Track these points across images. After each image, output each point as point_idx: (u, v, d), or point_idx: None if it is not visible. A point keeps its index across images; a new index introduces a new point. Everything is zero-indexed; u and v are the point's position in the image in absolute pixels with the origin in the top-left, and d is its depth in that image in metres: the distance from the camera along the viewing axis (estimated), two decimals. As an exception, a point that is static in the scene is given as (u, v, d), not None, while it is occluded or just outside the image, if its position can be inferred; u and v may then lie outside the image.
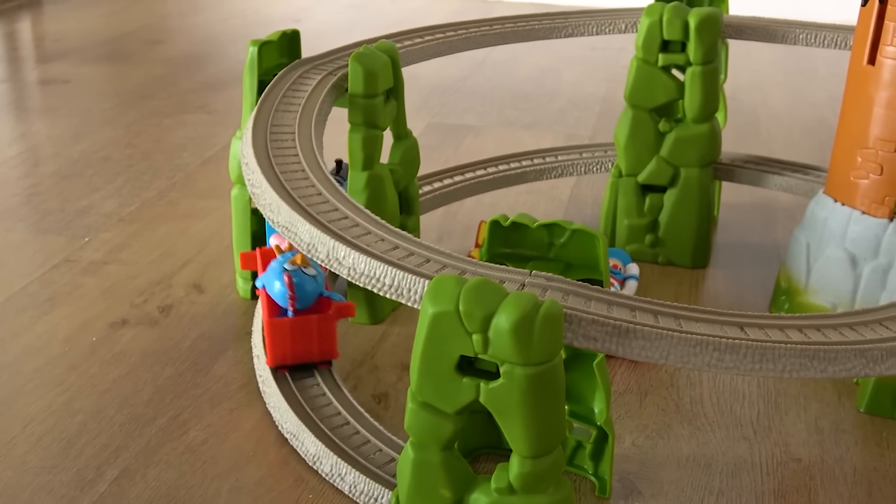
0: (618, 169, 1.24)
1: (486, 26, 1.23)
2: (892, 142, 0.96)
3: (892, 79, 0.94)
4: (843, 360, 0.68)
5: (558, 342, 0.63)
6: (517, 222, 0.75)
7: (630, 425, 0.92)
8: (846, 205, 1.02)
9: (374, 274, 0.71)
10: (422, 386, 0.66)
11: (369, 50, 1.01)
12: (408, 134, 1.09)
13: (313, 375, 0.95)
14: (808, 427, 0.93)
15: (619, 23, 1.24)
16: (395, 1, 2.91)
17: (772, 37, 1.18)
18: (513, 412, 0.64)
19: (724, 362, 0.67)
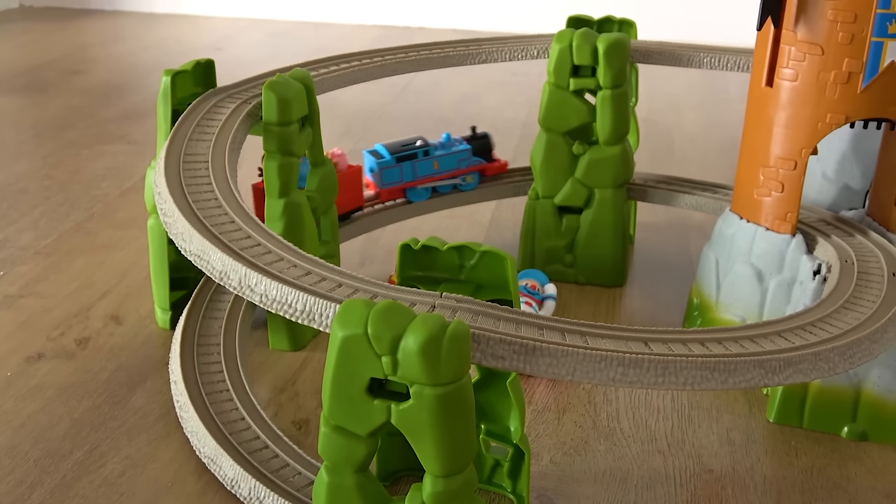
0: (535, 191, 1.26)
1: (402, 54, 1.25)
2: (791, 160, 1.00)
3: (790, 99, 0.98)
4: (742, 371, 0.71)
5: (466, 362, 0.65)
6: (428, 246, 0.77)
7: (548, 443, 0.94)
8: (751, 222, 1.05)
9: (286, 300, 0.72)
10: (333, 409, 0.67)
11: (283, 78, 1.02)
12: (325, 161, 1.10)
13: (232, 400, 0.94)
14: (720, 438, 0.96)
15: (531, 49, 1.26)
16: (317, 29, 2.92)
17: (677, 61, 1.22)
18: (424, 432, 0.65)
19: (629, 377, 0.69)
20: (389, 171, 1.27)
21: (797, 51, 0.96)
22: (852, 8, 0.92)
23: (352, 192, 1.24)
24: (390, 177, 1.27)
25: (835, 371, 0.75)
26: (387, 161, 1.26)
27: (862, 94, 0.94)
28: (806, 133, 0.98)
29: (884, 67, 0.93)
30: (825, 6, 0.93)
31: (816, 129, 0.97)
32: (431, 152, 1.29)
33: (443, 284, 0.79)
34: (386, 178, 1.27)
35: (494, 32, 2.86)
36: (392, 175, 1.27)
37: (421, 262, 0.78)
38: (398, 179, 1.28)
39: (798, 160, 0.99)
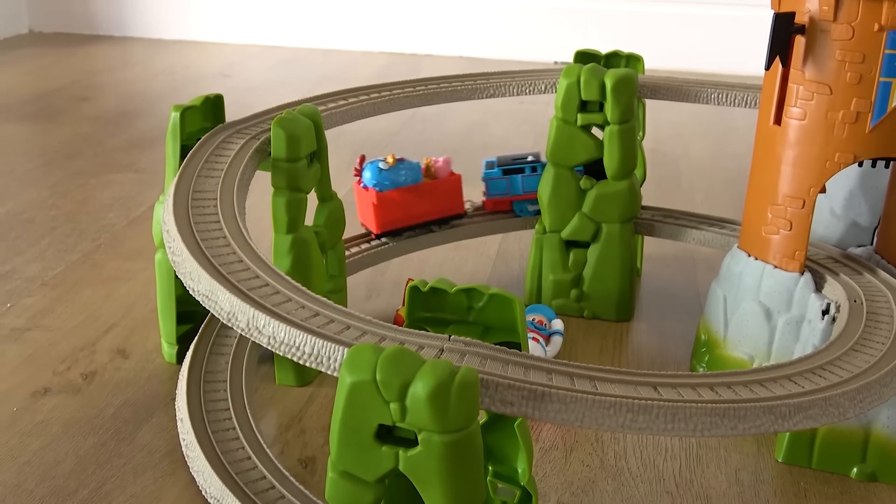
0: (542, 225, 1.26)
1: (410, 88, 1.25)
2: (799, 199, 0.99)
3: (798, 138, 0.98)
4: (752, 417, 0.70)
5: (474, 409, 0.64)
6: (436, 287, 0.76)
7: (556, 482, 0.94)
8: (759, 259, 1.05)
9: (294, 342, 0.72)
10: (341, 455, 0.66)
11: (291, 114, 1.03)
12: (332, 196, 1.10)
13: (238, 439, 0.94)
14: (729, 479, 0.95)
15: (539, 83, 1.27)
16: (325, 55, 2.93)
17: (685, 96, 1.22)
18: (432, 479, 0.65)
19: (638, 423, 0.68)
20: (495, 182, 1.31)
21: (805, 90, 0.96)
22: (861, 48, 0.92)
23: (451, 199, 1.29)
24: (495, 188, 1.31)
25: (845, 416, 0.75)
26: (493, 173, 1.30)
27: (870, 134, 0.94)
28: (814, 172, 0.98)
29: (892, 107, 0.93)
30: (833, 46, 0.93)
31: (825, 168, 0.97)
32: (539, 168, 1.29)
33: (451, 326, 0.78)
34: (491, 189, 1.31)
35: (501, 61, 2.87)
36: (497, 187, 1.31)
37: (429, 304, 0.78)
38: (504, 192, 1.31)
39: (806, 199, 0.99)
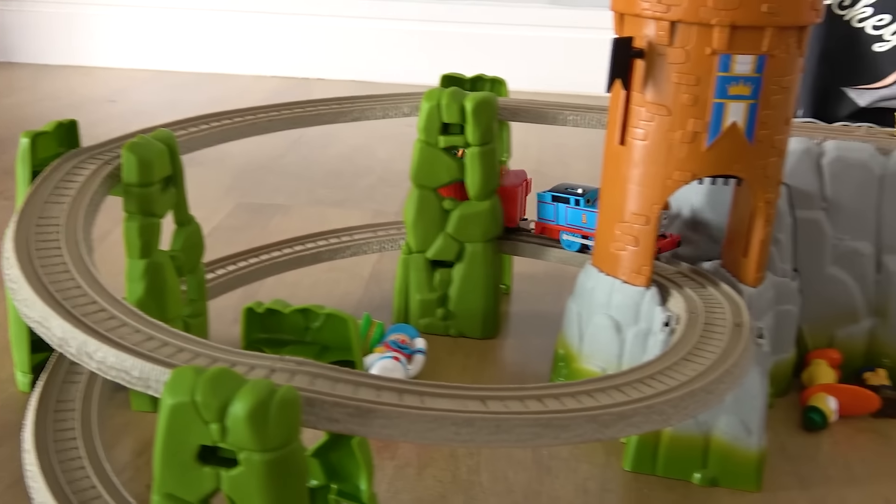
0: (408, 246, 1.28)
1: (275, 112, 1.26)
2: (644, 216, 1.03)
3: (641, 158, 1.02)
4: (575, 426, 0.73)
5: (295, 427, 0.65)
6: (272, 308, 0.77)
7: (406, 499, 0.95)
8: (609, 275, 1.08)
9: (123, 367, 0.72)
10: (164, 477, 0.67)
11: (144, 139, 1.02)
12: (190, 220, 1.10)
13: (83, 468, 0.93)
14: (577, 489, 0.98)
15: (402, 107, 1.29)
16: (216, 80, 2.92)
17: (543, 119, 1.26)
18: (253, 498, 0.65)
19: (462, 436, 0.70)
20: (543, 206, 1.28)
21: (646, 112, 1.00)
22: (695, 71, 0.96)
23: (507, 209, 1.29)
24: (543, 212, 1.28)
25: (668, 423, 0.78)
26: (545, 197, 1.27)
27: (707, 153, 0.99)
28: (657, 190, 1.02)
29: (726, 127, 0.98)
30: (670, 69, 0.97)
31: (666, 186, 1.01)
32: (581, 203, 1.25)
33: (288, 347, 0.79)
34: (540, 213, 1.29)
35: (391, 84, 2.90)
36: (545, 211, 1.28)
37: (266, 325, 0.79)
38: (551, 218, 1.28)
39: (650, 215, 1.03)
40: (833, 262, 1.18)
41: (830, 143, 1.17)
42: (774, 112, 0.97)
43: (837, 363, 1.19)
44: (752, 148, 0.98)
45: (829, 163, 1.15)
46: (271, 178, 1.99)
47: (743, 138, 0.97)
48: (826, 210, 1.17)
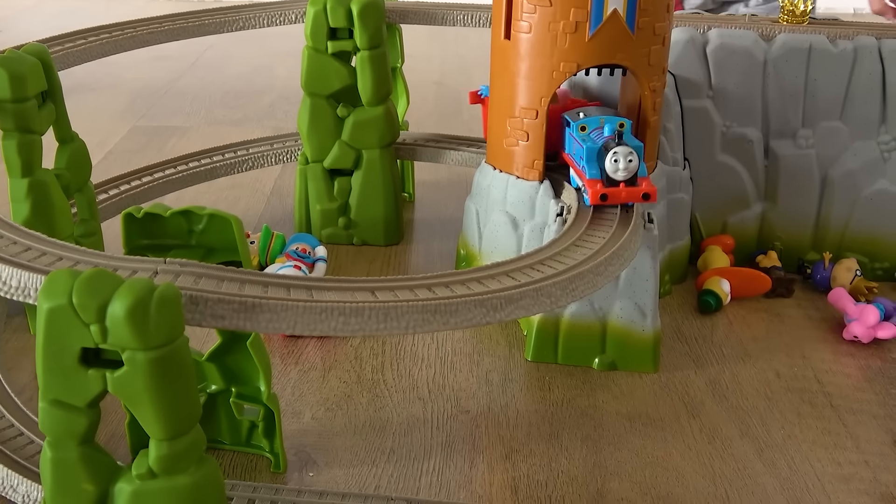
0: (304, 156, 1.27)
1: (157, 24, 1.22)
2: (533, 109, 1.03)
3: (526, 51, 1.02)
4: (463, 311, 0.74)
5: (178, 324, 0.65)
6: (151, 213, 0.76)
7: (311, 400, 0.95)
8: (504, 171, 1.09)
9: (1, 277, 0.70)
10: (48, 383, 0.66)
11: (15, 53, 0.99)
12: (73, 137, 1.07)
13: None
14: (479, 381, 0.99)
15: (289, 14, 1.26)
16: (107, 5, 2.81)
17: (432, 19, 1.24)
18: (141, 397, 0.65)
19: (350, 325, 0.70)
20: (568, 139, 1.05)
21: (528, 3, 1.00)
22: (574, -40, 0.96)
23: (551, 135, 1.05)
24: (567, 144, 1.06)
25: (557, 305, 0.80)
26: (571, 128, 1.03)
27: (590, 43, 0.99)
28: (544, 83, 1.02)
29: (607, 16, 0.98)
30: (549, -41, 0.97)
31: (552, 79, 1.01)
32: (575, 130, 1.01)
33: (173, 251, 0.78)
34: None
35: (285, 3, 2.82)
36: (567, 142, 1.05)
37: (148, 231, 0.78)
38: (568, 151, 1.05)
39: (539, 109, 1.03)
40: (722, 149, 1.20)
41: (714, 32, 1.18)
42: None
43: (731, 248, 1.22)
44: (634, 36, 0.99)
45: (714, 51, 1.17)
46: (167, 100, 1.94)
47: (624, 26, 0.98)
48: (713, 98, 1.18)
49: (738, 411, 0.96)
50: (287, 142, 1.37)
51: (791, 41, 1.17)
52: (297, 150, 1.34)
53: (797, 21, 1.20)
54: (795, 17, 1.20)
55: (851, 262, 1.17)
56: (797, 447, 0.90)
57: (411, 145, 1.31)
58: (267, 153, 1.34)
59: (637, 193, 0.94)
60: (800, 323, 1.13)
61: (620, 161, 0.93)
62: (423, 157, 1.31)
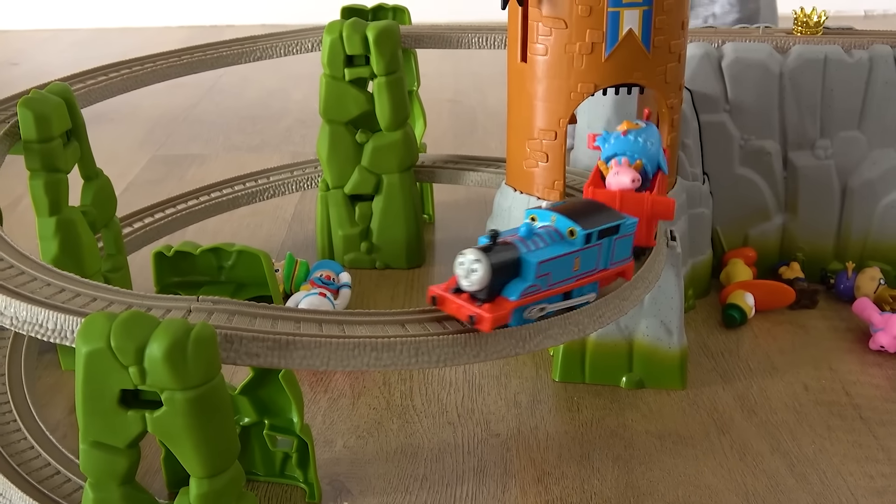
0: (325, 183, 1.28)
1: (175, 58, 1.24)
2: (552, 131, 1.04)
3: (543, 73, 1.02)
4: (493, 343, 0.74)
5: (214, 363, 0.66)
6: (181, 251, 0.77)
7: (342, 428, 0.96)
8: (524, 192, 1.10)
9: (37, 320, 0.71)
10: (88, 425, 0.67)
11: (39, 94, 1.00)
12: (98, 173, 1.08)
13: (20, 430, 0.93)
14: (508, 403, 1.00)
15: (305, 42, 1.28)
16: (121, 34, 2.84)
17: (448, 43, 1.25)
18: (181, 437, 0.66)
19: (383, 360, 0.71)
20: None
21: (544, 26, 1.00)
22: (588, -19, 0.97)
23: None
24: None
25: (584, 332, 0.80)
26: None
27: (606, 63, 0.99)
28: (561, 104, 1.03)
29: (623, 35, 0.99)
30: (563, -18, 0.97)
31: (570, 100, 1.02)
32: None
33: (203, 288, 0.79)
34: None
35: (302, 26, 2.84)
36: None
37: (179, 268, 0.79)
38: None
39: (557, 130, 1.04)
40: (741, 162, 1.21)
41: (729, 46, 1.19)
42: (669, 17, 0.99)
43: (753, 261, 1.22)
44: (650, 55, 0.99)
45: (729, 65, 1.17)
46: (185, 128, 1.96)
47: (640, 46, 0.99)
48: (730, 112, 1.19)
49: (768, 426, 0.96)
50: (307, 168, 1.38)
51: (806, 52, 1.17)
52: (316, 176, 1.35)
53: (811, 32, 1.21)
54: (809, 28, 1.21)
55: (875, 271, 1.17)
56: (829, 461, 0.90)
57: (430, 167, 1.32)
58: (287, 181, 1.35)
59: (463, 312, 0.72)
60: (825, 334, 1.13)
61: (460, 269, 0.71)
62: (443, 179, 1.32)
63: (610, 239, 0.78)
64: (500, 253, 0.71)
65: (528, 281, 0.72)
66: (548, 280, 0.73)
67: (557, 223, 0.76)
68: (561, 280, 0.75)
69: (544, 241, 0.74)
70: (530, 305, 0.73)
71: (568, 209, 0.77)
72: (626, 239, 0.80)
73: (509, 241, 0.73)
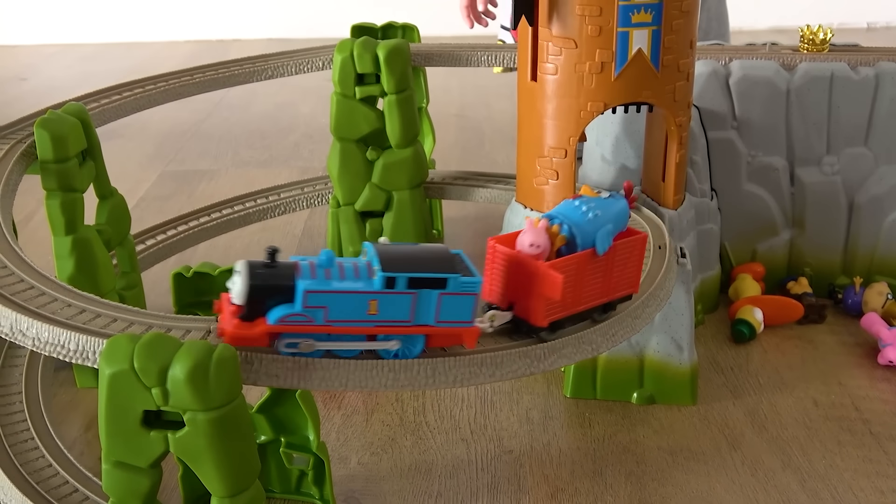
0: (336, 199, 1.29)
1: (188, 76, 1.25)
2: (562, 149, 1.05)
3: (553, 92, 1.03)
4: (508, 363, 0.75)
5: (236, 384, 0.67)
6: (200, 272, 0.78)
7: (356, 445, 0.97)
8: (535, 209, 1.11)
9: (59, 341, 0.72)
10: (111, 445, 0.68)
11: (56, 115, 1.01)
12: (112, 192, 1.09)
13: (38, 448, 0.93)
14: (520, 419, 1.01)
15: (316, 61, 1.29)
16: (128, 49, 2.86)
17: (458, 61, 1.26)
18: (203, 457, 0.67)
19: (400, 381, 0.72)
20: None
21: (554, 46, 1.01)
22: (597, 2, 0.98)
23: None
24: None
25: (598, 351, 0.81)
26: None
27: (616, 82, 1.01)
28: (571, 122, 1.03)
29: (632, 55, 1.00)
30: (573, 2, 0.99)
31: (580, 118, 1.03)
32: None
33: (222, 308, 0.80)
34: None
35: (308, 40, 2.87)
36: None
37: (197, 288, 0.80)
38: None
39: (567, 148, 1.05)
40: (749, 178, 1.22)
41: (736, 63, 1.20)
42: (677, 36, 1.00)
43: (761, 276, 1.23)
44: (659, 74, 1.01)
45: (736, 82, 1.19)
46: (194, 143, 1.97)
47: (649, 65, 1.00)
48: (737, 129, 1.20)
49: (779, 442, 0.96)
50: (317, 185, 1.39)
51: (812, 70, 1.18)
52: (326, 192, 1.37)
53: (818, 49, 1.22)
54: (816, 46, 1.22)
55: (882, 286, 1.18)
56: (840, 476, 0.91)
57: (440, 184, 1.33)
58: (298, 197, 1.36)
59: (221, 324, 0.69)
60: (834, 349, 1.13)
61: (232, 279, 0.67)
62: (452, 196, 1.33)
63: (432, 292, 0.70)
64: (271, 273, 0.67)
65: (294, 309, 0.67)
66: (324, 314, 0.67)
67: (370, 259, 0.70)
68: (346, 319, 0.68)
69: (343, 273, 0.68)
70: (296, 336, 0.68)
71: (392, 249, 0.71)
72: (461, 298, 0.71)
73: (296, 264, 0.68)
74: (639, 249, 0.82)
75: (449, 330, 0.71)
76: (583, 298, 0.78)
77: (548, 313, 0.76)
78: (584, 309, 0.79)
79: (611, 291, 0.81)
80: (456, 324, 0.71)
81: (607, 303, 0.82)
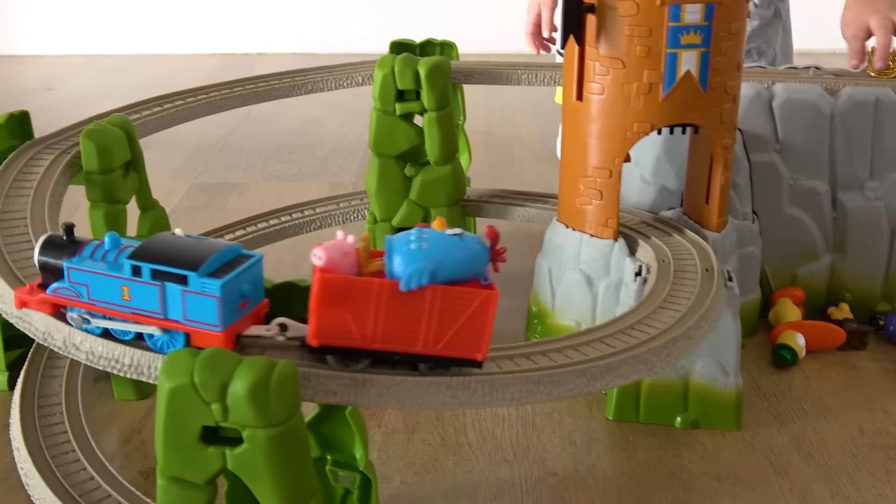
0: (372, 215, 1.28)
1: (227, 89, 1.25)
2: (606, 169, 1.05)
3: (599, 112, 1.03)
4: (566, 381, 0.75)
5: (296, 401, 0.66)
6: (255, 286, 0.77)
7: (399, 464, 0.96)
8: (577, 230, 1.10)
9: (113, 356, 0.72)
10: (168, 460, 0.67)
11: (101, 126, 1.01)
12: (154, 204, 1.09)
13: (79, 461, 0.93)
14: (563, 441, 1.00)
15: (356, 76, 1.29)
16: (153, 61, 2.87)
17: (498, 79, 1.26)
18: (261, 474, 0.66)
19: (458, 399, 0.71)
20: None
21: (601, 66, 1.01)
22: (646, 23, 0.97)
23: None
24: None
25: (653, 371, 0.80)
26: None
27: (663, 103, 1.00)
28: (617, 143, 1.03)
29: (681, 76, 0.99)
30: (622, 22, 0.98)
31: (626, 139, 1.03)
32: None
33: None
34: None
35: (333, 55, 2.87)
36: None
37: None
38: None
39: (612, 168, 1.04)
40: (790, 202, 1.21)
41: (780, 87, 1.19)
42: (725, 58, 0.99)
43: (801, 301, 1.22)
44: (707, 95, 1.00)
45: (780, 105, 1.18)
46: (223, 156, 1.97)
47: (697, 86, 0.99)
48: (780, 152, 1.19)
49: (826, 470, 0.95)
50: (352, 200, 1.38)
51: (857, 94, 1.18)
52: (361, 208, 1.36)
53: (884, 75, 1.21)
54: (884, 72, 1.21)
55: (925, 314, 1.17)
56: (889, 506, 0.90)
57: (476, 202, 1.32)
58: (333, 212, 1.36)
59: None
60: (877, 376, 1.12)
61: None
62: (490, 214, 1.32)
63: (176, 287, 0.68)
64: (57, 248, 0.73)
65: (62, 283, 0.72)
66: (86, 291, 0.71)
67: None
68: (105, 301, 0.71)
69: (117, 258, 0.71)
70: (71, 309, 0.72)
71: (167, 240, 0.71)
72: (204, 298, 0.67)
73: (85, 242, 0.73)
74: (482, 307, 0.71)
75: (201, 331, 0.68)
76: (377, 335, 0.68)
77: (318, 330, 0.68)
78: (380, 349, 0.69)
79: (432, 344, 0.69)
80: (203, 325, 0.68)
81: (436, 358, 0.70)
